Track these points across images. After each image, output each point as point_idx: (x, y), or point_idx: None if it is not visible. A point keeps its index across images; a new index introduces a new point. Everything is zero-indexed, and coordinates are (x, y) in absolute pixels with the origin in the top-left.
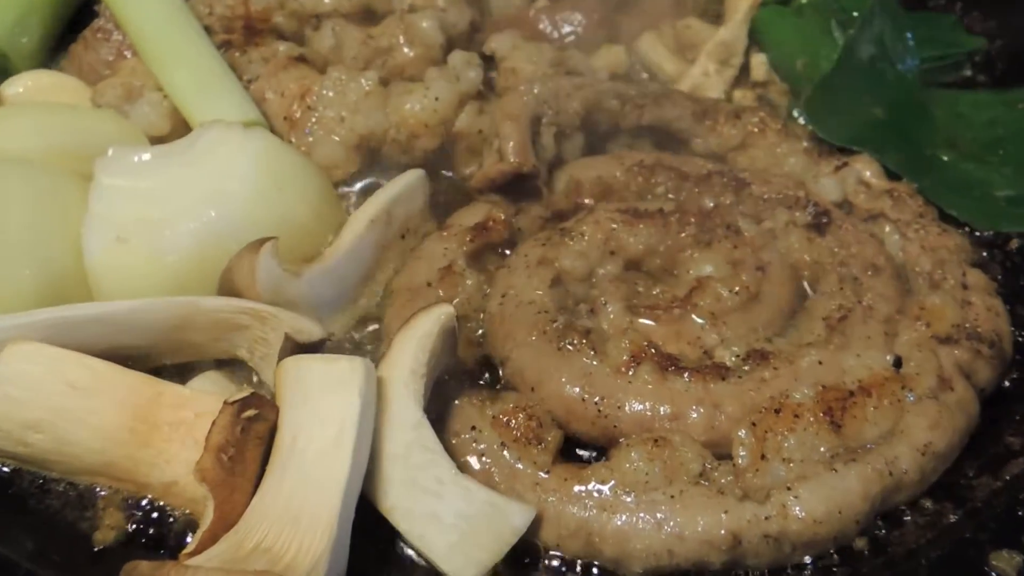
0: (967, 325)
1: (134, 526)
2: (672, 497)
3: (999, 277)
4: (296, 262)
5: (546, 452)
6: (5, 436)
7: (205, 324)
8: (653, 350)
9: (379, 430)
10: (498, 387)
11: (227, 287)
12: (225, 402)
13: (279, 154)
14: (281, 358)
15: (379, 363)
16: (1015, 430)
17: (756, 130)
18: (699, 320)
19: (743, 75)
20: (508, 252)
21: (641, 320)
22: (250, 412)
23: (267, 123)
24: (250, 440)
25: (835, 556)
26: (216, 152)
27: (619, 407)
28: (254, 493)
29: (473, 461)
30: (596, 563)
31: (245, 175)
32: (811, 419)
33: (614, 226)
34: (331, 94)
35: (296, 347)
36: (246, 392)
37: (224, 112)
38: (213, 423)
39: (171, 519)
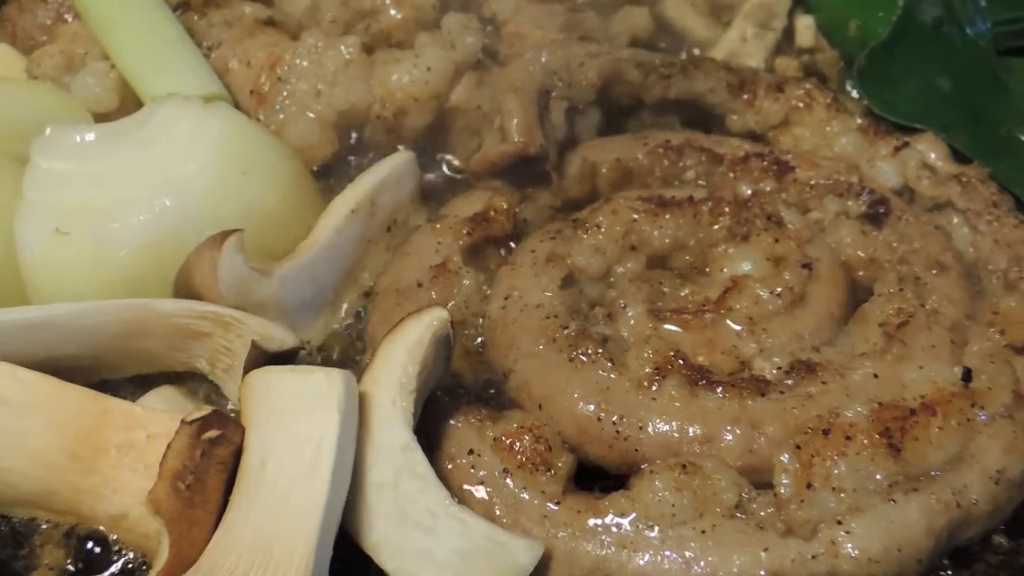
0: None
1: (77, 566)
2: (703, 532)
3: None
4: (265, 259)
5: (556, 480)
6: None
7: (159, 331)
8: (681, 361)
9: (362, 454)
10: (500, 404)
11: (185, 288)
12: (182, 421)
13: (245, 133)
14: (247, 370)
15: (362, 376)
16: None
17: (802, 105)
18: (735, 326)
19: (786, 40)
20: (512, 247)
21: (667, 326)
22: (211, 433)
23: (231, 98)
24: (211, 466)
25: None
26: (171, 131)
27: (641, 427)
28: (216, 527)
29: (471, 490)
30: None
31: (205, 158)
32: (865, 442)
33: (635, 217)
34: (305, 64)
35: (265, 357)
36: (206, 410)
37: (181, 85)
38: (168, 446)
39: (120, 558)
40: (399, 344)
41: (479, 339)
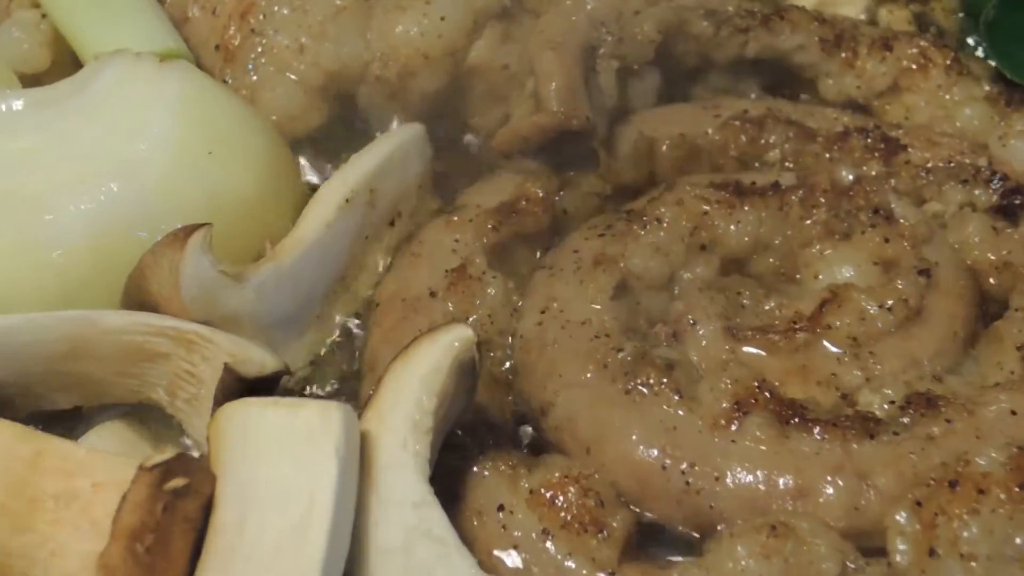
0: None
1: None
2: None
3: None
4: (238, 260)
5: (610, 544)
6: None
7: (105, 351)
8: (767, 394)
9: (365, 510)
10: (536, 447)
11: (137, 297)
12: (140, 467)
13: (210, 100)
14: (219, 403)
15: (363, 411)
16: None
17: (914, 67)
18: (834, 349)
19: None
20: (551, 246)
21: (748, 349)
22: (176, 482)
23: (192, 55)
24: (176, 523)
25: None
26: (119, 98)
27: (718, 478)
28: None
29: (503, 556)
30: None
31: (161, 132)
32: (1002, 496)
33: (706, 208)
34: (285, 11)
35: (240, 385)
36: (169, 453)
37: (129, 38)
38: (123, 498)
39: None
40: (411, 372)
41: (508, 364)
